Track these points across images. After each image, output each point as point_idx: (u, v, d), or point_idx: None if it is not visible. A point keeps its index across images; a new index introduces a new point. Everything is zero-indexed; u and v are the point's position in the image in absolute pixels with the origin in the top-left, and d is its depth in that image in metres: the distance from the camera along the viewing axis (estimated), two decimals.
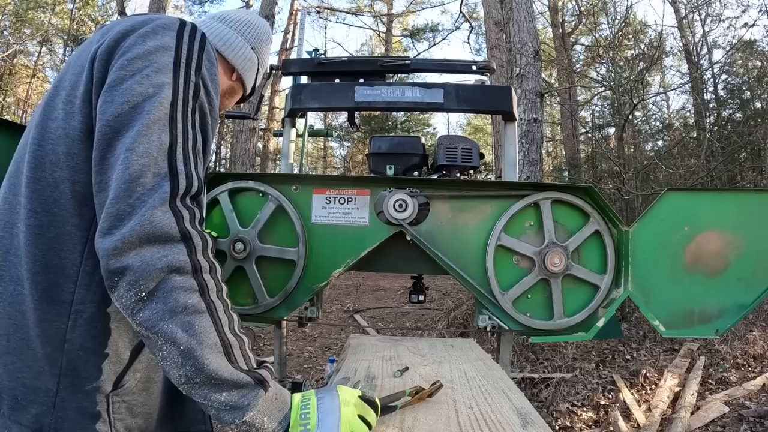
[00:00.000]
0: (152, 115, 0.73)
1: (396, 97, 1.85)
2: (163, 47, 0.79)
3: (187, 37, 0.82)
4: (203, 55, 0.83)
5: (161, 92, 0.75)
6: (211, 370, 0.67)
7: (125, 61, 0.76)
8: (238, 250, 1.51)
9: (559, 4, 13.65)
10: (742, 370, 4.06)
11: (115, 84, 0.75)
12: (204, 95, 0.82)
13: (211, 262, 0.74)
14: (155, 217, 0.68)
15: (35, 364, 0.75)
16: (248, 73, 1.16)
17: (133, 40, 0.78)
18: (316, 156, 23.37)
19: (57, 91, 0.81)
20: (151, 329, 0.67)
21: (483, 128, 22.40)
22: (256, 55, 1.16)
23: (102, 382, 0.78)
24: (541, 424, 0.91)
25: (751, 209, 1.54)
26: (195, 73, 0.81)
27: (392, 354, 1.44)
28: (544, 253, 1.53)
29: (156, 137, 0.72)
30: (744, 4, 12.30)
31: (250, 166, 9.37)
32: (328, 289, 8.17)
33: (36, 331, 0.75)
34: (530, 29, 5.33)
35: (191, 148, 0.77)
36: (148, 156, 0.71)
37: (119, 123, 0.73)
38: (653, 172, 8.25)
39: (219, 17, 1.14)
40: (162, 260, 0.67)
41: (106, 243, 0.67)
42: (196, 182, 0.76)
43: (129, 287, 0.66)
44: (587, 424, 3.40)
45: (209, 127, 0.84)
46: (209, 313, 0.70)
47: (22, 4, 13.59)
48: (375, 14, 18.23)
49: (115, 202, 0.68)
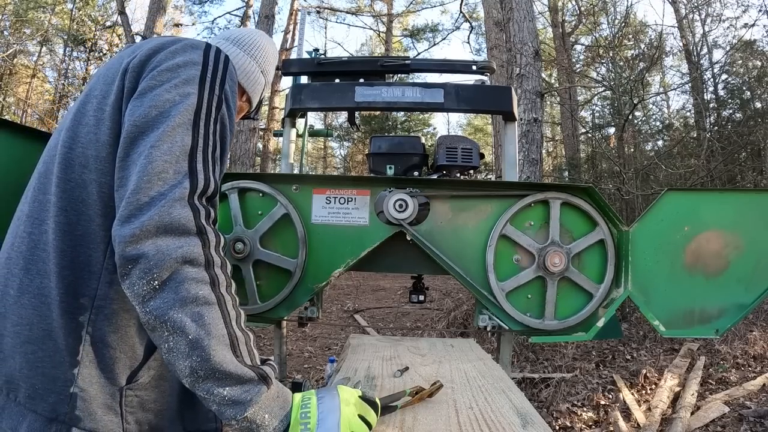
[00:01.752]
0: (177, 119, 0.77)
1: (396, 97, 1.85)
2: (191, 62, 0.85)
3: (213, 56, 0.88)
4: (227, 74, 0.89)
5: (187, 100, 0.80)
6: (216, 361, 0.68)
7: (156, 72, 0.82)
8: (239, 250, 1.51)
9: (559, 4, 13.65)
10: (742, 370, 4.06)
11: (144, 92, 0.80)
12: (225, 109, 0.87)
13: (222, 258, 0.77)
14: (174, 210, 0.71)
15: (56, 354, 0.78)
16: (255, 94, 1.25)
17: (164, 56, 0.85)
18: (316, 156, 23.37)
19: (88, 99, 0.87)
20: (160, 318, 0.68)
21: (483, 128, 22.40)
22: (264, 77, 1.25)
23: (117, 376, 0.80)
24: (541, 424, 0.91)
25: (751, 209, 1.54)
26: (219, 88, 0.86)
27: (392, 354, 1.44)
28: (545, 251, 1.53)
29: (179, 139, 0.76)
30: (744, 4, 12.32)
31: (250, 166, 9.37)
32: (328, 289, 8.18)
33: (59, 323, 0.78)
34: (530, 29, 5.33)
35: (211, 153, 0.81)
36: (170, 154, 0.75)
37: (145, 124, 0.77)
38: (653, 172, 8.25)
39: (233, 40, 1.22)
40: (177, 251, 0.69)
41: (124, 230, 0.69)
42: (213, 184, 0.80)
43: (142, 275, 0.68)
44: (587, 424, 3.40)
45: (227, 138, 0.89)
46: (219, 306, 0.72)
47: (22, 4, 13.59)
48: (375, 14, 18.24)
49: (136, 192, 0.71)
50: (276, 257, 1.55)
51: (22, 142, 1.18)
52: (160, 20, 9.58)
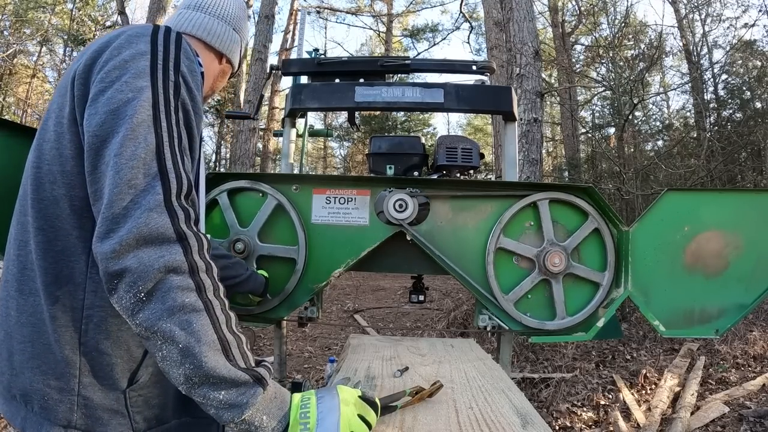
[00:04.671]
0: (135, 119, 0.74)
1: (396, 97, 1.85)
2: (138, 54, 0.80)
3: (162, 40, 0.83)
4: (180, 54, 0.84)
5: (141, 96, 0.76)
6: (209, 367, 0.68)
7: (103, 74, 0.78)
8: (239, 250, 1.52)
9: (559, 4, 13.64)
10: (742, 370, 4.06)
11: (96, 97, 0.77)
12: (186, 92, 0.83)
13: (207, 262, 0.76)
14: (151, 219, 0.70)
15: (57, 366, 0.80)
16: (235, 54, 1.19)
17: (108, 54, 0.80)
18: (316, 156, 23.36)
19: (49, 115, 0.85)
20: (150, 329, 0.68)
21: (483, 128, 22.39)
22: (238, 34, 1.18)
23: (117, 380, 0.82)
24: (541, 424, 0.91)
25: (751, 209, 1.54)
26: (174, 72, 0.82)
27: (392, 354, 1.44)
28: (543, 253, 1.53)
29: (142, 139, 0.73)
30: (744, 4, 12.33)
31: (250, 166, 9.36)
32: (328, 289, 8.18)
33: (54, 337, 0.80)
34: (530, 29, 5.33)
35: (177, 146, 0.78)
36: (136, 158, 0.72)
37: (104, 131, 0.74)
38: (653, 172, 8.25)
39: (195, 6, 1.13)
40: (159, 260, 0.69)
41: (104, 247, 0.69)
42: (186, 181, 0.77)
43: (128, 288, 0.68)
44: (587, 424, 3.40)
45: (194, 123, 0.85)
46: (207, 312, 0.71)
47: (22, 4, 13.59)
48: (375, 14, 18.23)
49: (110, 207, 0.70)
50: (277, 248, 1.55)
51: (22, 142, 1.18)
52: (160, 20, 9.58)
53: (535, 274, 1.54)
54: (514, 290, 1.54)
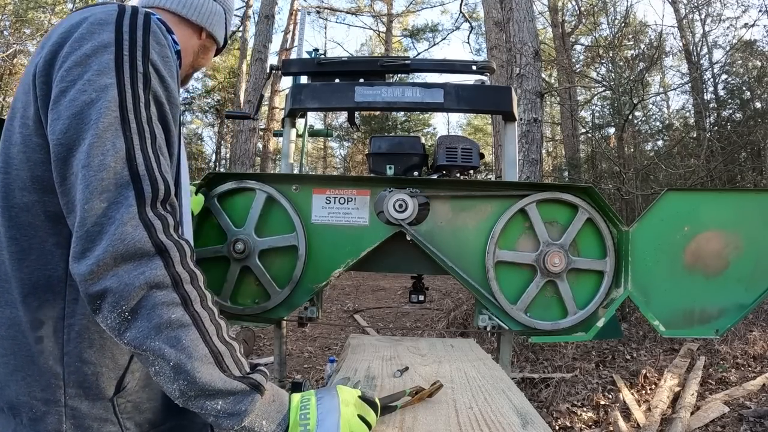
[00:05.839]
0: (101, 123, 0.68)
1: (396, 97, 1.85)
2: (101, 46, 0.73)
3: (128, 26, 0.76)
4: (149, 38, 0.77)
5: (106, 95, 0.70)
6: (203, 382, 0.67)
7: (64, 72, 0.72)
8: (239, 251, 1.51)
9: (559, 4, 13.65)
10: (742, 370, 4.06)
11: (58, 98, 0.71)
12: (157, 83, 0.77)
13: (191, 272, 0.72)
14: (126, 234, 0.66)
15: (42, 378, 0.77)
16: (217, 27, 1.12)
17: (69, 47, 0.74)
18: (316, 156, 23.37)
19: (14, 113, 0.79)
20: (139, 347, 0.66)
21: (483, 128, 22.40)
22: (219, 5, 1.11)
23: (103, 389, 0.79)
24: (541, 424, 0.91)
25: (751, 209, 1.53)
26: (142, 63, 0.75)
27: (392, 354, 1.44)
28: (542, 256, 1.52)
29: (110, 145, 0.68)
30: (744, 4, 12.31)
31: (250, 166, 9.37)
32: (328, 289, 8.18)
33: (36, 349, 0.77)
34: (530, 29, 5.33)
35: (151, 147, 0.73)
36: (105, 168, 0.67)
37: (69, 139, 0.69)
38: (653, 172, 8.25)
39: None
40: (139, 278, 0.65)
41: (81, 268, 0.66)
42: (163, 185, 0.72)
43: (112, 308, 0.65)
44: (587, 424, 3.40)
45: (168, 116, 0.79)
46: (195, 325, 0.69)
47: (22, 4, 13.59)
48: (375, 14, 18.23)
49: (83, 224, 0.66)
50: (276, 239, 1.55)
51: None
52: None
53: (539, 278, 1.53)
54: (521, 298, 1.54)
